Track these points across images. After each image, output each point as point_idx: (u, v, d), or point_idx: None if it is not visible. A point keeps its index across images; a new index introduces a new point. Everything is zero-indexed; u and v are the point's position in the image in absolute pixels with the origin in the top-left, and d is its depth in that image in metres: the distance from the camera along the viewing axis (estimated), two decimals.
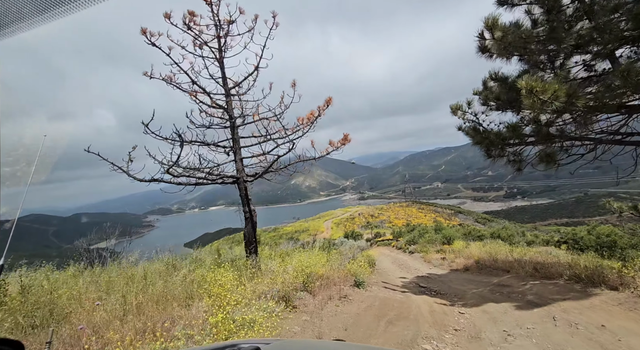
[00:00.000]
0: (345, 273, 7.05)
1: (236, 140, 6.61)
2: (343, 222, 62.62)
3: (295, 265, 5.59)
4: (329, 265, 7.02)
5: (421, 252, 13.48)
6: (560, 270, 6.06)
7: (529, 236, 20.30)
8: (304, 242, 13.71)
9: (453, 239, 14.14)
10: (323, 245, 11.76)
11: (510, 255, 9.27)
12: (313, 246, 11.28)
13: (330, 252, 10.43)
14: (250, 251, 6.71)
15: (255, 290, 4.24)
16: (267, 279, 4.64)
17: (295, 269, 5.37)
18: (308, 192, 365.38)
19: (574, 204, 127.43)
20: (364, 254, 12.52)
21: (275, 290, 4.33)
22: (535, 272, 6.72)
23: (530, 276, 6.75)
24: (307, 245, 12.33)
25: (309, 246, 11.38)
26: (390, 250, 19.86)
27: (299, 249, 10.02)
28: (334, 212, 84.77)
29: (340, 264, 7.56)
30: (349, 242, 16.06)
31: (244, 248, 6.83)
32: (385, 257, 14.90)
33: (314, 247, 11.12)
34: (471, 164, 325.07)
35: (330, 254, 8.83)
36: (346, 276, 6.96)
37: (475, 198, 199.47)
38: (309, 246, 11.38)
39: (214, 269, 4.58)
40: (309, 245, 11.49)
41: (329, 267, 6.81)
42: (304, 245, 12.06)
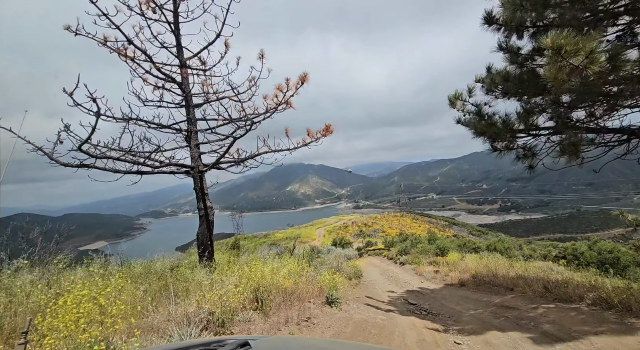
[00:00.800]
0: (319, 286, 5.86)
1: (192, 121, 5.47)
2: (336, 230, 61.26)
3: (248, 274, 4.38)
4: (299, 276, 5.83)
5: (413, 264, 12.29)
6: (579, 292, 4.94)
7: (526, 250, 19.26)
8: (284, 248, 12.47)
9: (447, 250, 12.98)
10: (305, 253, 10.55)
11: (510, 270, 8.14)
12: (293, 253, 10.06)
13: (312, 260, 9.21)
14: (204, 257, 5.51)
15: (173, 312, 3.04)
16: (198, 295, 3.42)
17: (242, 280, 4.16)
18: (303, 199, 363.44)
19: (567, 220, 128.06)
20: (351, 264, 11.30)
21: (205, 311, 3.14)
22: (545, 292, 5.58)
23: (540, 296, 5.61)
24: (288, 251, 11.10)
25: (289, 253, 10.16)
26: (381, 260, 18.69)
27: (273, 256, 8.82)
28: (327, 220, 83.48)
29: (315, 275, 6.36)
30: (336, 251, 14.85)
31: (198, 253, 5.64)
32: (374, 268, 13.67)
33: (296, 254, 9.91)
34: (466, 176, 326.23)
35: (306, 262, 7.62)
36: (320, 290, 5.77)
37: (469, 210, 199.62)
38: (289, 253, 10.16)
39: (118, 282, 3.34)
40: (289, 252, 10.26)
41: (300, 279, 5.63)
42: (284, 252, 10.84)
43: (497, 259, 9.62)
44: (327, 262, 9.90)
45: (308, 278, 5.88)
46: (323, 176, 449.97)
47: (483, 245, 18.70)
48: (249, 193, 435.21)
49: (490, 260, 9.47)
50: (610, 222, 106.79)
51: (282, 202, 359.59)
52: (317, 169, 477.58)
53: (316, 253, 12.85)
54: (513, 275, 7.58)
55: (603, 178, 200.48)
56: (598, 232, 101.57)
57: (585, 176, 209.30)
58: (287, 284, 5.16)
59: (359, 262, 17.93)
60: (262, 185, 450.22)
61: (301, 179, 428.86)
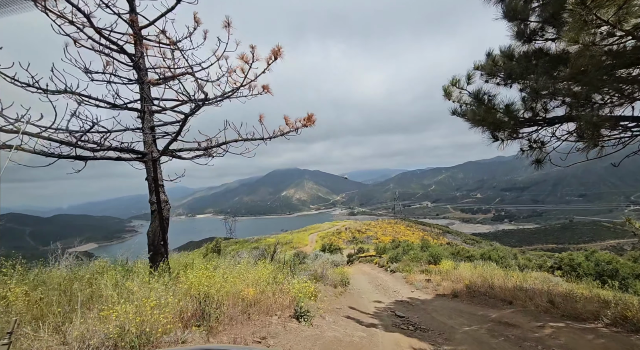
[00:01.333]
0: (291, 296, 5.05)
1: (146, 100, 4.69)
2: (329, 236, 60.32)
3: (197, 281, 3.56)
4: (268, 283, 5.01)
5: (404, 272, 11.50)
6: (592, 308, 4.21)
7: (521, 259, 18.60)
8: (264, 249, 11.58)
9: (440, 258, 12.23)
10: (287, 258, 9.71)
11: (507, 281, 7.40)
12: (273, 258, 9.21)
13: (294, 266, 8.39)
14: (156, 259, 4.69)
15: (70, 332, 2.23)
16: (107, 307, 2.59)
17: (190, 288, 3.34)
18: (298, 205, 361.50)
19: (560, 230, 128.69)
20: (337, 271, 10.48)
21: (114, 330, 2.33)
22: (551, 307, 4.83)
23: (544, 312, 4.85)
24: (269, 256, 10.25)
25: (270, 257, 9.31)
26: (372, 267, 17.89)
27: (248, 261, 7.98)
28: (320, 226, 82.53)
29: (288, 283, 5.54)
30: (324, 256, 14.02)
31: (148, 256, 4.80)
32: (363, 276, 12.85)
33: (279, 259, 9.08)
34: (461, 185, 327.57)
35: (286, 268, 6.81)
36: (292, 301, 4.96)
37: (463, 219, 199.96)
38: (270, 257, 9.31)
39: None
40: (269, 257, 9.41)
41: (267, 288, 4.81)
42: (265, 256, 9.98)
43: (492, 269, 8.89)
44: (310, 268, 9.08)
45: (279, 286, 5.07)
46: (318, 182, 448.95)
47: (477, 253, 18.00)
48: (243, 197, 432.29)
49: (485, 269, 8.73)
50: (602, 234, 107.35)
51: (277, 207, 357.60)
52: (312, 175, 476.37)
53: (301, 259, 12.02)
54: (511, 286, 6.83)
55: (595, 189, 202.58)
56: (590, 243, 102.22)
57: (577, 188, 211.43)
58: (251, 293, 4.35)
59: (348, 269, 17.09)
60: (257, 190, 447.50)
61: (296, 185, 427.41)
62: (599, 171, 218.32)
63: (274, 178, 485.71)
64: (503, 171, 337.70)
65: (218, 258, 8.51)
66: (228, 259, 7.91)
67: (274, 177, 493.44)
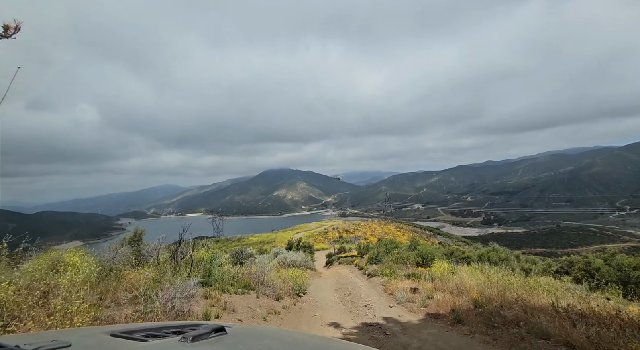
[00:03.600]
0: None
1: None
2: (314, 236, 57.68)
3: None
4: None
5: (383, 276, 8.79)
6: None
7: (524, 262, 16.11)
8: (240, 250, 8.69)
9: (432, 260, 9.54)
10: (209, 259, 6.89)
11: (534, 294, 4.68)
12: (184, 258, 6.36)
13: (212, 268, 5.55)
14: None
15: None
16: None
17: None
18: (290, 205, 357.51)
19: (548, 235, 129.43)
20: (292, 273, 7.64)
21: None
22: None
23: None
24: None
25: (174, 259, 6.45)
26: (351, 269, 15.20)
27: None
28: (307, 225, 79.97)
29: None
30: (285, 255, 11.20)
31: None
32: (334, 281, 10.09)
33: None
34: (452, 188, 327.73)
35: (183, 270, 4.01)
36: None
37: (454, 222, 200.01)
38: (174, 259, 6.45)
39: None
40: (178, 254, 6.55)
41: None
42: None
43: (506, 274, 6.17)
44: (243, 272, 6.27)
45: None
46: (311, 183, 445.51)
47: (474, 255, 15.47)
48: (235, 197, 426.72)
49: (497, 274, 6.01)
50: (588, 239, 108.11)
51: (269, 207, 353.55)
52: (305, 175, 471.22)
53: (250, 257, 9.22)
54: (545, 303, 4.11)
55: (581, 195, 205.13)
56: (577, 247, 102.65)
57: (564, 194, 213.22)
58: None
59: (325, 270, 14.28)
60: (248, 190, 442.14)
61: (289, 185, 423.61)
62: (584, 178, 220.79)
63: (266, 178, 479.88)
64: (493, 175, 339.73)
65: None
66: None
67: (266, 177, 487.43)
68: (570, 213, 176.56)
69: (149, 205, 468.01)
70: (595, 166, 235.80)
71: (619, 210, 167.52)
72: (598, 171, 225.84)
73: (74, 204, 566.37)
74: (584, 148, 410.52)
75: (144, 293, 3.50)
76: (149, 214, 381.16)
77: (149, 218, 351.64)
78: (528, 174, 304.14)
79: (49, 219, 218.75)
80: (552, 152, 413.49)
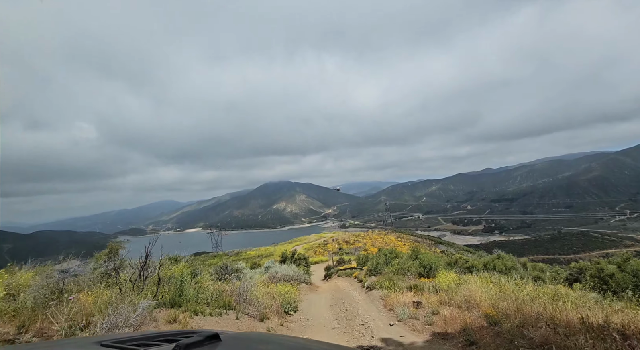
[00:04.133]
0: None
1: None
2: (314, 248, 56.48)
3: None
4: None
5: (383, 289, 8.03)
6: None
7: (532, 270, 15.31)
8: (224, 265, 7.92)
9: (436, 269, 8.80)
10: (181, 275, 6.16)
11: (556, 307, 3.97)
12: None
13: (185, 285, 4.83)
14: None
15: None
16: None
17: None
18: (290, 218, 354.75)
19: (550, 241, 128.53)
20: (281, 289, 6.89)
21: None
22: None
23: None
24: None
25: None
26: (350, 282, 14.39)
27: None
28: (307, 238, 78.70)
29: None
30: (277, 268, 10.43)
31: None
32: (329, 296, 9.30)
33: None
34: (451, 197, 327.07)
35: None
36: None
37: (454, 231, 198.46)
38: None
39: None
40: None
41: None
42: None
43: (520, 284, 5.45)
44: (217, 289, 5.54)
45: None
46: (310, 195, 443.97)
47: (478, 263, 14.69)
48: (234, 211, 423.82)
49: (508, 284, 5.30)
50: (590, 244, 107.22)
51: (268, 220, 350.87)
52: (304, 187, 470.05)
53: (231, 273, 8.44)
54: (573, 318, 3.42)
55: (580, 200, 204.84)
56: (580, 253, 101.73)
57: (563, 199, 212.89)
58: None
59: (323, 284, 13.44)
60: (247, 203, 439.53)
61: (288, 198, 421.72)
62: (582, 183, 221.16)
63: (265, 191, 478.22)
64: (492, 183, 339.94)
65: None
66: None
67: (265, 190, 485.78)
68: (570, 219, 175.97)
69: (148, 222, 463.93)
70: (592, 171, 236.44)
71: (619, 214, 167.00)
72: (596, 176, 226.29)
73: (71, 223, 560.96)
74: (580, 153, 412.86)
75: (65, 328, 2.77)
76: (147, 230, 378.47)
77: (148, 235, 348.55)
78: (526, 181, 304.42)
79: (45, 238, 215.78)
80: (549, 158, 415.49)
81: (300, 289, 9.34)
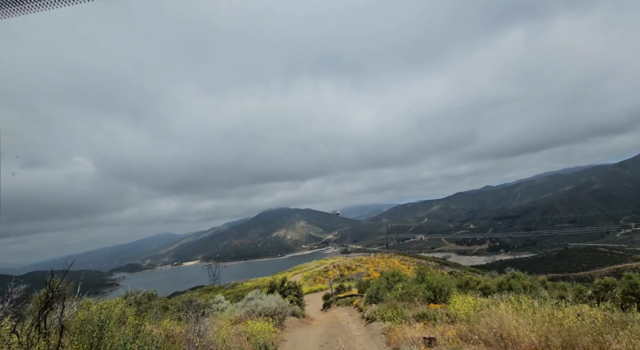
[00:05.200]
0: None
1: None
2: (314, 276, 53.86)
3: None
4: None
5: (386, 320, 6.54)
6: None
7: (553, 289, 13.69)
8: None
9: (447, 292, 7.35)
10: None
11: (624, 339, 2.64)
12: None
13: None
14: None
15: None
16: None
17: None
18: (290, 245, 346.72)
19: (557, 258, 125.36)
20: (257, 328, 5.41)
21: None
22: None
23: None
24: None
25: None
26: (350, 312, 12.74)
27: None
28: (307, 265, 75.66)
29: None
30: (258, 301, 8.86)
31: None
32: (322, 331, 7.75)
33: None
34: (453, 216, 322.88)
35: None
36: None
37: (459, 251, 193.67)
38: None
39: None
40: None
41: None
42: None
43: (558, 307, 4.10)
44: (160, 335, 4.16)
45: None
46: (310, 221, 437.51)
47: (492, 284, 13.13)
48: (232, 241, 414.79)
49: (549, 306, 3.94)
50: (599, 260, 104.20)
51: (268, 249, 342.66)
52: (303, 214, 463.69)
53: (196, 308, 6.98)
54: None
55: (583, 214, 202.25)
56: (589, 270, 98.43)
57: (566, 214, 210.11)
58: None
59: (321, 316, 11.79)
60: (246, 233, 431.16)
61: (287, 225, 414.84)
62: (584, 197, 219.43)
63: (264, 219, 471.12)
64: (492, 200, 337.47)
65: None
66: None
67: (264, 217, 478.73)
68: (575, 234, 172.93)
69: (145, 256, 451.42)
70: (593, 184, 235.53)
71: (625, 227, 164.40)
72: (597, 189, 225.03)
73: (67, 261, 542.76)
74: (578, 167, 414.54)
75: None
76: (144, 265, 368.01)
77: (144, 270, 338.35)
78: (527, 197, 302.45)
79: (38, 279, 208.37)
80: (548, 174, 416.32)
81: (286, 325, 7.78)
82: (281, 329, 7.29)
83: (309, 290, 34.68)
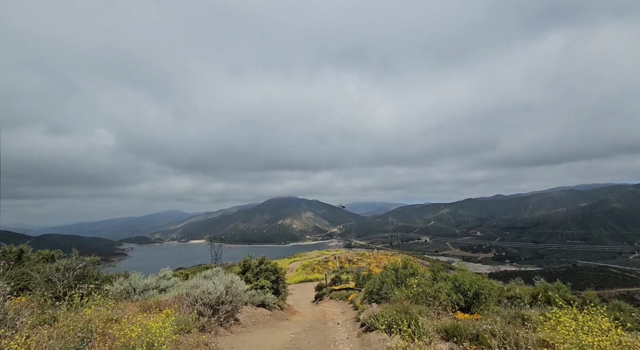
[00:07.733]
0: None
1: None
2: (313, 265, 52.11)
3: None
4: None
5: (392, 332, 4.12)
6: None
7: (605, 308, 10.88)
8: None
9: (485, 299, 4.86)
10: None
11: None
12: None
13: None
14: None
15: None
16: None
17: None
18: (295, 235, 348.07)
19: (565, 275, 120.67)
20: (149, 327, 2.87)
21: None
22: None
23: None
24: None
25: None
26: (343, 308, 10.48)
27: None
28: (308, 254, 74.07)
29: None
30: (201, 281, 6.44)
31: None
32: (292, 336, 5.35)
33: None
34: (460, 222, 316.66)
35: None
36: None
37: (463, 257, 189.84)
38: None
39: None
40: None
41: None
42: None
43: None
44: None
45: None
46: (317, 212, 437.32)
47: (524, 293, 10.61)
48: (239, 224, 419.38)
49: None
50: (609, 280, 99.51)
51: (273, 235, 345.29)
52: (310, 204, 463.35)
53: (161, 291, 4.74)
54: None
55: (596, 232, 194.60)
56: (598, 290, 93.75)
57: (577, 231, 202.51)
58: None
59: (298, 310, 9.52)
60: (253, 217, 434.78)
61: (294, 214, 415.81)
62: (598, 215, 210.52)
63: (271, 206, 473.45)
64: (503, 210, 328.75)
65: None
66: None
67: (271, 204, 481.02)
68: (586, 251, 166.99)
69: (154, 231, 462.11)
70: (610, 203, 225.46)
71: (639, 250, 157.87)
72: (613, 208, 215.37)
73: (79, 228, 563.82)
74: (596, 185, 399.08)
75: None
76: (152, 239, 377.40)
77: (153, 243, 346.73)
78: (539, 209, 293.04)
79: (52, 242, 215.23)
80: (564, 188, 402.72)
81: (242, 320, 5.56)
82: (226, 328, 5.04)
83: (304, 279, 32.57)
